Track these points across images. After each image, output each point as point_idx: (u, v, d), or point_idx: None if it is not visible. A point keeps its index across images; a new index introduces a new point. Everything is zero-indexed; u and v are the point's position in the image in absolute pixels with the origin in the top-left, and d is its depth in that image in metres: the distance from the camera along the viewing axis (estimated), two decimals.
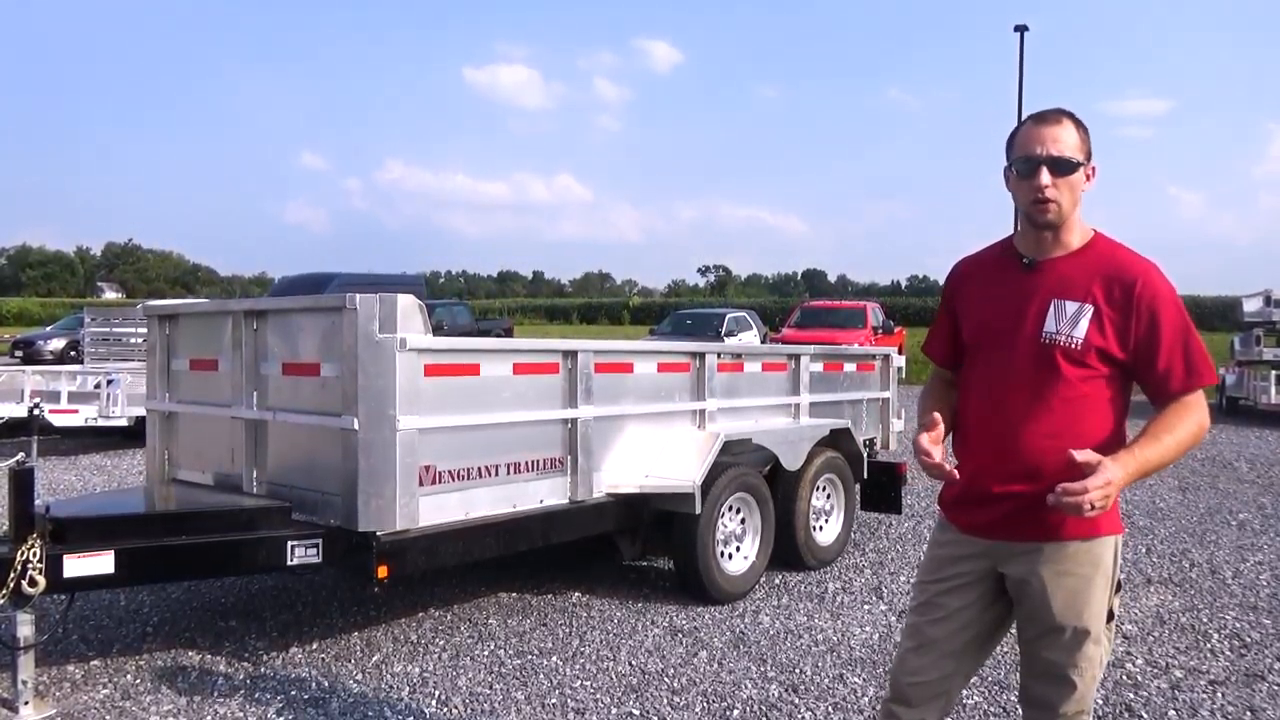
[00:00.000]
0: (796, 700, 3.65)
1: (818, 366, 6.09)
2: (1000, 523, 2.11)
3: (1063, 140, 2.03)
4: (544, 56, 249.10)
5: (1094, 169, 2.08)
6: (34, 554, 3.32)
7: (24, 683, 3.42)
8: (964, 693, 3.72)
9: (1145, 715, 3.57)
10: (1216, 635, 4.47)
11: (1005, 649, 4.16)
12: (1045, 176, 2.02)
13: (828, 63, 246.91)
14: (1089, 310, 2.04)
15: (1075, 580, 2.06)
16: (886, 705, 2.28)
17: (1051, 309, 2.06)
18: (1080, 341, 2.03)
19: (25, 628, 3.39)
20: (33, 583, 3.31)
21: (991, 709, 3.60)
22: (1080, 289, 2.06)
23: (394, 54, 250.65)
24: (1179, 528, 6.81)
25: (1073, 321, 2.04)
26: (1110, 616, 2.13)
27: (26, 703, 3.43)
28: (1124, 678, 3.92)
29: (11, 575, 3.27)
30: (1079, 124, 2.07)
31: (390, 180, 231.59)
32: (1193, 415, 2.04)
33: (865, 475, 6.11)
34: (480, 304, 51.69)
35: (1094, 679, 2.11)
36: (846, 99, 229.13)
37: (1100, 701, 3.65)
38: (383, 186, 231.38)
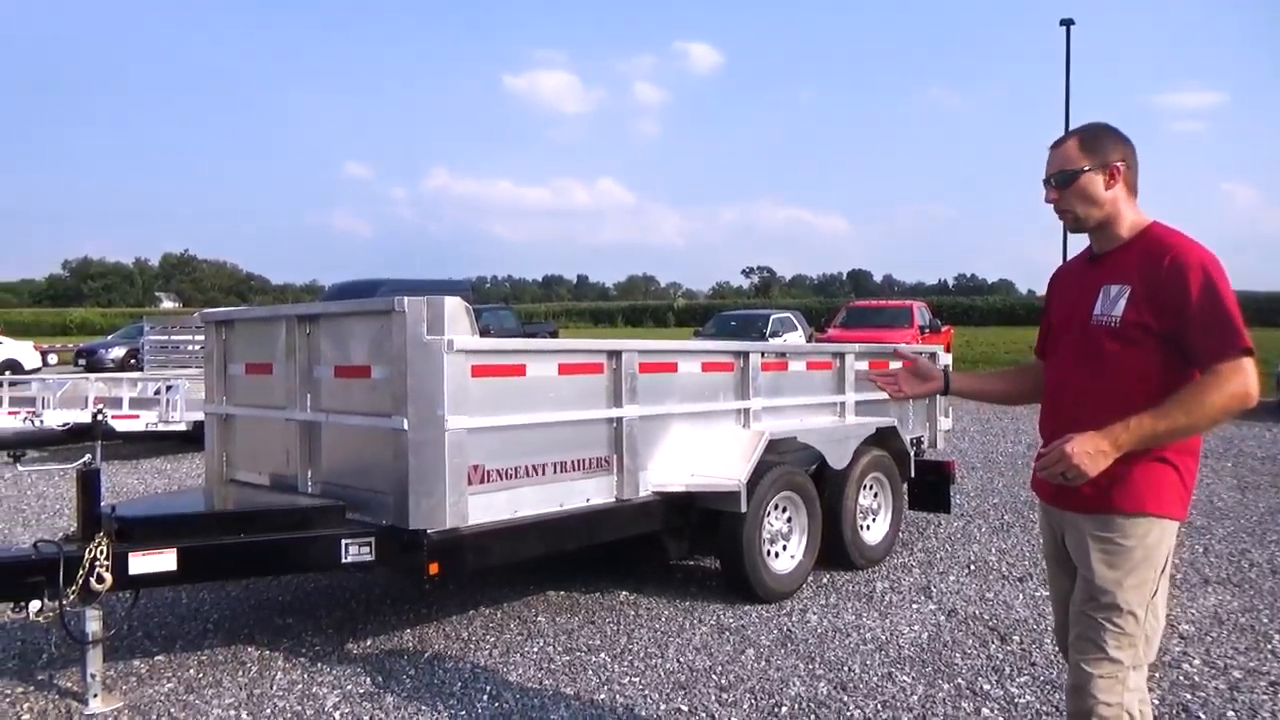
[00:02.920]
0: (845, 698, 3.65)
1: (863, 365, 6.06)
2: (1057, 492, 2.31)
3: (1061, 157, 2.31)
4: (583, 62, 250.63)
5: (1115, 168, 2.26)
6: (101, 552, 3.44)
7: (93, 676, 3.55)
8: (1016, 691, 3.70)
9: (1203, 716, 3.50)
10: (1277, 636, 4.36)
11: (1057, 649, 4.11)
12: (1050, 194, 2.34)
13: (868, 62, 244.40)
14: (1127, 290, 2.22)
15: (1118, 551, 2.22)
16: None
17: (1100, 294, 2.28)
18: (1118, 320, 2.22)
19: (94, 623, 3.52)
20: (100, 580, 3.43)
21: (1044, 709, 3.56)
22: (1125, 273, 2.24)
23: (435, 62, 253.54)
24: (1238, 527, 6.64)
25: (1114, 302, 2.24)
26: (1154, 593, 2.24)
27: (95, 695, 3.56)
28: (1181, 678, 3.85)
29: (80, 573, 3.40)
30: (1086, 136, 2.30)
31: (435, 187, 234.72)
32: (1220, 385, 2.08)
33: (913, 474, 6.06)
34: (525, 308, 52.08)
35: (1134, 650, 2.20)
36: (887, 98, 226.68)
37: (1157, 702, 3.58)
38: (427, 194, 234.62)
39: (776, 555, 4.96)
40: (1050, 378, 2.44)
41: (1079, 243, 2.46)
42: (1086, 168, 2.27)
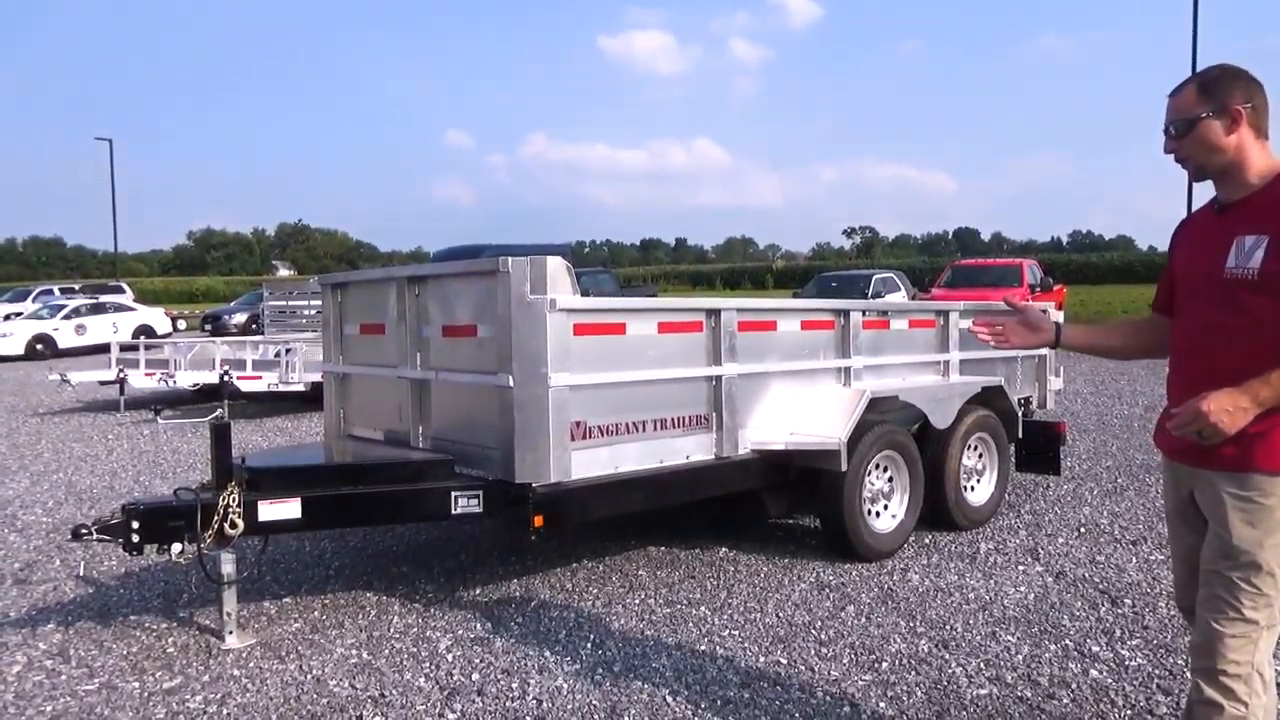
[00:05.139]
0: (947, 655, 3.63)
1: (967, 323, 5.90)
2: (1189, 449, 2.21)
3: (1176, 107, 2.23)
4: (678, 20, 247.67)
5: (1236, 111, 2.14)
6: (234, 500, 3.69)
7: (229, 614, 3.82)
8: (1127, 654, 3.61)
9: None
10: None
11: (1171, 613, 3.98)
12: (1169, 143, 2.24)
13: (975, 9, 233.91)
14: (1264, 240, 2.09)
15: (1257, 510, 2.12)
16: None
17: (1234, 246, 2.15)
18: (1256, 272, 2.09)
19: (228, 566, 3.79)
20: (233, 525, 3.69)
21: (1157, 672, 3.47)
22: (1260, 222, 2.12)
23: (530, 27, 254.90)
24: None
25: (1249, 254, 2.11)
26: None
27: (231, 632, 3.83)
28: None
29: (215, 518, 3.66)
30: (1205, 80, 2.19)
31: (533, 153, 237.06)
32: None
33: (1021, 435, 5.91)
34: (624, 272, 52.34)
35: (1270, 610, 2.13)
36: (996, 48, 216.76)
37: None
38: (525, 160, 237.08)
39: (877, 514, 4.93)
40: (1178, 336, 2.32)
41: (1203, 195, 2.34)
42: (1204, 114, 2.16)
